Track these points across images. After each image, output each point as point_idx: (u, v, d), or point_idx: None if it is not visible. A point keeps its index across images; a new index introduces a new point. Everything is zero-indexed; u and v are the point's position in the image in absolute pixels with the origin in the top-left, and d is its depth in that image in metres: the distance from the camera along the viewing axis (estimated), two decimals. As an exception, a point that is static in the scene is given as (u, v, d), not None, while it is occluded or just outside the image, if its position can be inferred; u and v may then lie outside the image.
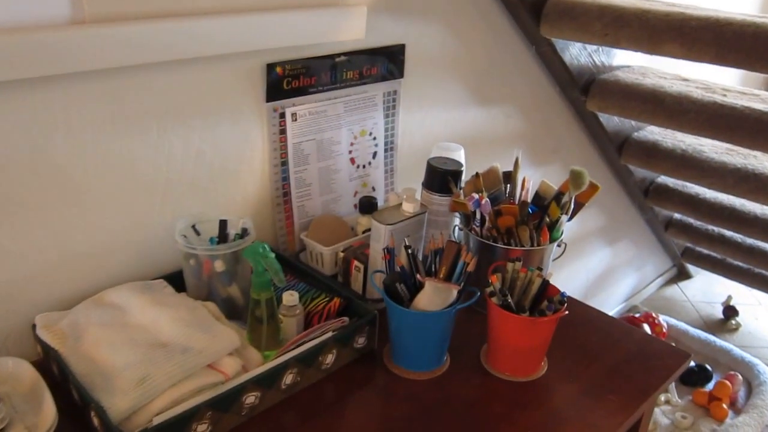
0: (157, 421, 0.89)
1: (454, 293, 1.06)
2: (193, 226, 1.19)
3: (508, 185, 1.29)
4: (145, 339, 1.02)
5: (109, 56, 1.02)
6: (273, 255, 1.05)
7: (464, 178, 1.32)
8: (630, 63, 2.03)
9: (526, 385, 1.10)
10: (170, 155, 1.18)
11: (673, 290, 3.23)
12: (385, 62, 1.43)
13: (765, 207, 2.18)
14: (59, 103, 1.02)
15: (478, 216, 1.20)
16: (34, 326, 1.06)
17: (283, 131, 1.32)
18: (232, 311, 1.18)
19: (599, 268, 2.70)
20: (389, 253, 1.10)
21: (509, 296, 1.06)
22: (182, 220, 1.17)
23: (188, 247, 1.12)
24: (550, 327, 1.07)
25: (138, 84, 1.09)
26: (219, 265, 1.14)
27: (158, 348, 1.00)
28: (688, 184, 2.34)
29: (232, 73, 1.20)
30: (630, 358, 1.17)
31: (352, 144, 1.45)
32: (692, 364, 2.45)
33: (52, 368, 1.03)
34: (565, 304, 1.05)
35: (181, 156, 1.19)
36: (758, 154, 1.99)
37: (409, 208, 1.23)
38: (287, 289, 1.17)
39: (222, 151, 1.25)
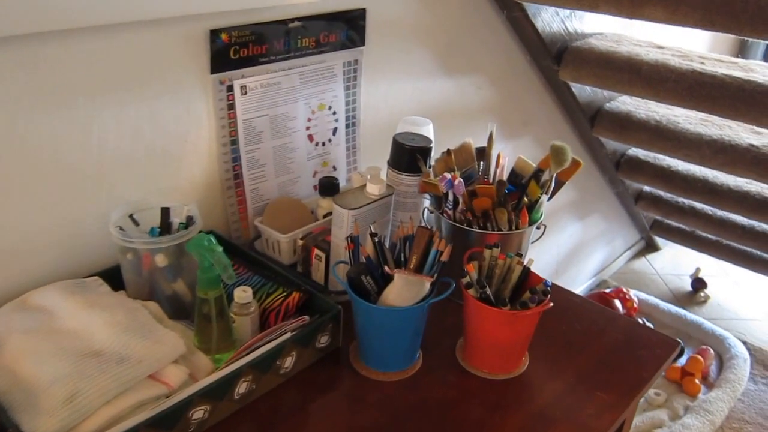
0: (86, 447, 0.76)
1: (427, 286, 0.95)
2: (131, 216, 1.05)
3: (482, 162, 1.18)
4: (75, 348, 0.89)
5: (23, 20, 0.87)
6: (221, 248, 0.92)
7: (434, 155, 1.20)
8: (603, 30, 1.93)
9: (507, 383, 1.00)
10: (101, 135, 1.03)
11: (642, 263, 3.19)
12: (344, 28, 1.30)
13: (738, 179, 2.12)
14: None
15: (450, 197, 1.09)
16: (-55, 335, 0.92)
17: (231, 106, 1.18)
18: (178, 310, 1.05)
19: (570, 243, 2.63)
20: (353, 242, 0.98)
21: (488, 287, 0.95)
22: (118, 209, 1.03)
23: (124, 240, 0.99)
24: (533, 320, 0.97)
25: (59, 53, 0.94)
26: (161, 260, 1.01)
27: (91, 358, 0.87)
28: (660, 157, 2.27)
29: (169, 40, 1.06)
30: (617, 348, 1.08)
31: (309, 119, 1.32)
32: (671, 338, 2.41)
33: (-32, 384, 0.89)
34: (549, 295, 0.95)
35: (113, 136, 1.05)
36: (733, 124, 1.91)
37: (374, 190, 1.11)
38: (240, 284, 1.04)
39: (162, 130, 1.10)
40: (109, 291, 1.02)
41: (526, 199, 1.10)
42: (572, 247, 2.67)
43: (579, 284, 2.90)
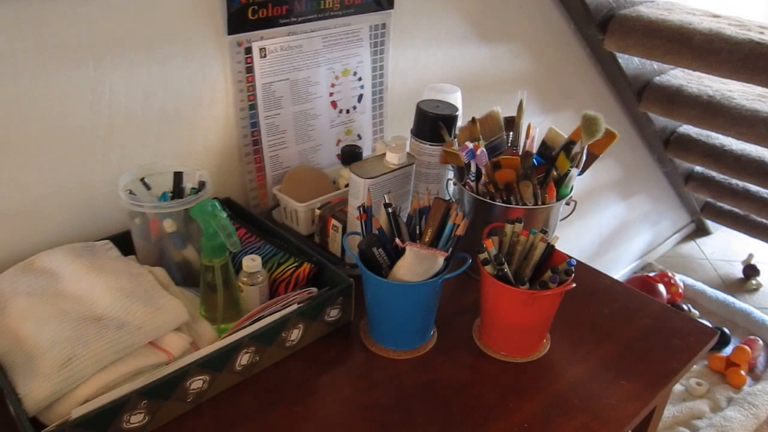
0: (76, 414, 0.74)
1: (440, 261, 0.89)
2: (143, 180, 1.02)
3: (511, 133, 1.11)
4: (77, 312, 0.87)
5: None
6: (225, 214, 0.89)
7: (460, 125, 1.14)
8: (654, -3, 1.81)
9: (524, 367, 0.94)
10: (112, 97, 1.00)
11: (691, 247, 3.06)
12: (371, -11, 1.24)
13: (798, 160, 1.98)
14: (-35, 30, 0.85)
15: (473, 169, 1.03)
16: (-47, 295, 0.91)
17: (250, 70, 1.14)
18: (188, 277, 1.03)
19: (612, 224, 2.53)
20: (365, 212, 0.93)
21: (506, 265, 0.89)
22: (127, 172, 1.01)
23: (132, 204, 0.96)
24: (553, 301, 0.91)
25: (66, 10, 0.91)
26: (169, 225, 0.98)
27: (91, 323, 0.85)
28: (713, 135, 2.14)
29: (183, -2, 1.02)
30: (647, 334, 1.01)
31: (333, 85, 1.27)
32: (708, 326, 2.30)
33: (-28, 344, 0.88)
34: (573, 275, 0.89)
35: (124, 98, 1.02)
36: (794, 100, 1.78)
37: (393, 159, 1.05)
38: (250, 253, 1.01)
39: (175, 92, 1.07)
40: (117, 255, 1.00)
41: (554, 173, 1.03)
42: (615, 228, 2.57)
43: (621, 267, 2.80)
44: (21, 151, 0.95)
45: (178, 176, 1.03)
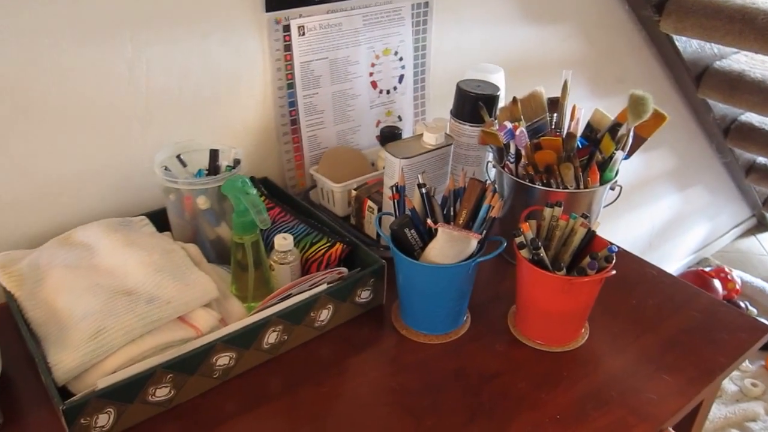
0: (101, 384, 0.74)
1: (474, 243, 0.86)
2: (179, 157, 1.03)
3: (555, 115, 1.07)
4: (109, 285, 0.88)
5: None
6: (255, 191, 0.88)
7: (501, 106, 1.10)
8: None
9: (560, 356, 0.90)
10: (149, 73, 1.01)
11: (751, 243, 2.92)
12: (413, -34, 1.21)
13: None
14: (2, 4, 0.85)
15: (512, 150, 0.99)
16: (-6, 265, 0.93)
17: (288, 48, 1.12)
18: (222, 254, 1.03)
19: (666, 216, 2.44)
20: (398, 192, 0.91)
21: (542, 249, 0.86)
22: (164, 149, 1.01)
23: (166, 180, 0.96)
24: (592, 289, 0.87)
25: (104, -16, 0.92)
26: (202, 202, 0.98)
27: (122, 296, 0.86)
28: (778, 123, 2.03)
29: (221, -27, 1.01)
30: (693, 328, 0.96)
31: (373, 65, 1.24)
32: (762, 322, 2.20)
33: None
34: (613, 262, 0.84)
35: (161, 74, 1.02)
36: None
37: (430, 139, 1.02)
38: (282, 232, 1.00)
39: (213, 70, 1.07)
40: (152, 231, 1.01)
41: (598, 155, 0.98)
42: (669, 221, 2.47)
43: (676, 261, 2.70)
44: (59, 126, 0.96)
45: (213, 154, 1.02)
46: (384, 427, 0.79)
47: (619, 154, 0.98)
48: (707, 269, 2.50)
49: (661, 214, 2.41)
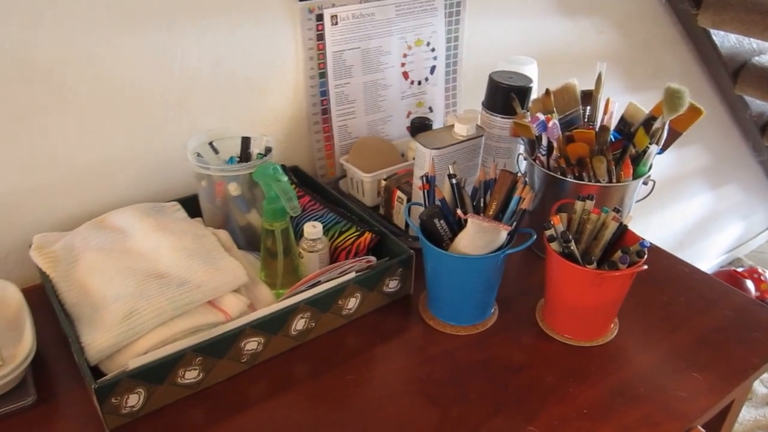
0: (133, 364, 0.75)
1: (503, 235, 0.86)
2: (211, 143, 1.04)
3: (588, 108, 1.05)
4: (141, 268, 0.89)
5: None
6: (286, 178, 0.88)
7: (533, 98, 1.09)
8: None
9: (588, 351, 0.90)
10: (184, 61, 1.02)
11: (786, 243, 2.86)
12: (447, -43, 1.20)
13: None
14: (44, -10, 0.87)
15: (544, 142, 0.98)
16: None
17: (320, 37, 1.13)
18: (252, 241, 1.04)
19: (698, 214, 2.39)
20: (428, 182, 0.91)
21: (573, 243, 0.85)
22: (196, 136, 1.02)
23: (198, 166, 0.97)
24: (622, 283, 0.86)
25: (141, -29, 0.93)
26: (233, 189, 0.98)
27: (154, 279, 0.87)
28: (817, 121, 1.98)
29: (256, -38, 1.02)
30: (726, 326, 0.94)
31: (405, 55, 1.24)
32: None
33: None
34: (645, 257, 0.83)
35: (196, 62, 1.03)
36: None
37: (461, 130, 1.02)
38: (312, 220, 1.00)
39: (246, 58, 1.07)
40: (184, 217, 1.02)
41: (632, 149, 0.97)
42: (701, 219, 2.43)
43: (708, 260, 2.66)
44: (95, 112, 0.98)
45: (245, 141, 1.03)
46: (409, 416, 0.79)
47: (653, 148, 0.96)
48: (740, 269, 2.45)
49: (693, 212, 2.37)
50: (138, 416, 0.77)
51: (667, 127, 0.96)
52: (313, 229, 0.95)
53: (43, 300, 0.90)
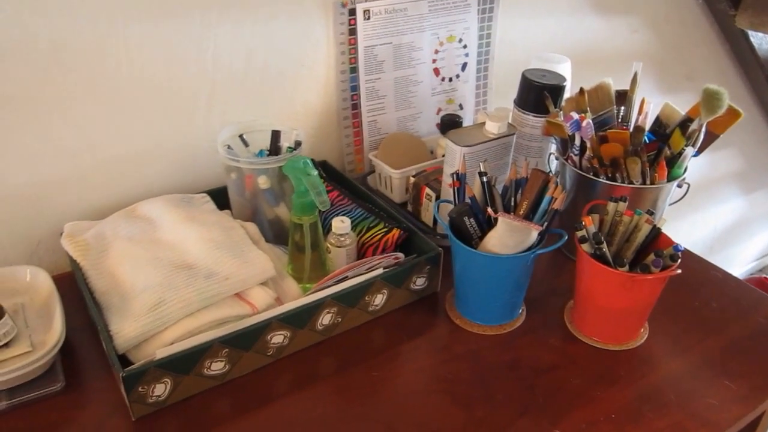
0: (160, 354, 0.76)
1: (534, 235, 0.85)
2: (241, 136, 1.04)
3: (622, 108, 1.04)
4: (170, 259, 0.90)
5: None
6: (316, 172, 0.88)
7: (566, 97, 1.07)
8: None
9: (617, 355, 0.88)
10: (216, 53, 1.02)
11: (819, 251, 2.80)
12: (482, -48, 1.19)
13: None
14: (81, -20, 0.88)
15: (577, 141, 0.97)
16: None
17: (352, 31, 1.12)
18: (280, 235, 1.04)
19: (729, 219, 2.35)
20: (459, 179, 0.90)
21: (605, 244, 0.84)
22: (227, 128, 1.02)
23: (229, 159, 0.97)
24: (654, 287, 0.84)
25: (176, -38, 0.93)
26: (263, 182, 0.99)
27: (182, 270, 0.87)
28: None
29: (290, -45, 1.01)
30: (759, 334, 0.92)
31: (436, 51, 1.23)
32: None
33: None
34: (679, 261, 0.82)
35: (228, 54, 1.03)
36: None
37: (493, 128, 1.01)
38: (340, 215, 1.00)
39: (278, 52, 1.07)
40: (213, 209, 1.02)
41: (667, 151, 0.95)
42: (733, 224, 2.39)
43: (738, 266, 2.61)
44: (129, 102, 0.99)
45: (275, 134, 1.03)
46: (433, 414, 0.79)
47: (689, 151, 0.94)
48: (770, 276, 2.41)
49: (724, 217, 2.33)
50: (164, 406, 0.78)
51: (704, 129, 0.94)
52: (341, 224, 0.95)
53: (73, 288, 0.91)
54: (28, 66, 0.89)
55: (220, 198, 1.04)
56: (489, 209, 0.85)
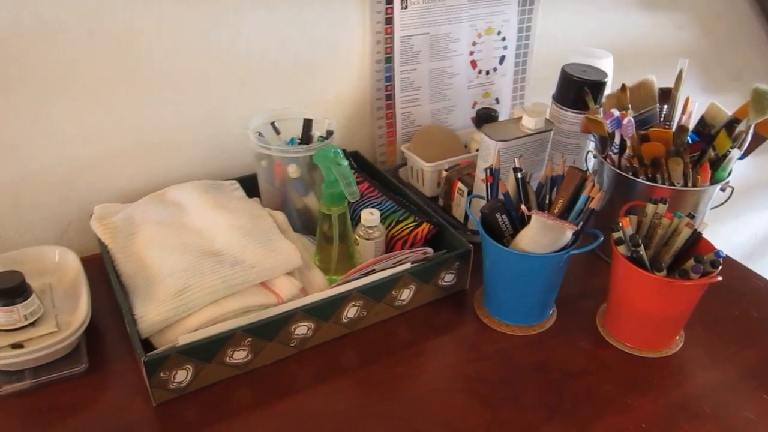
0: (183, 341, 0.75)
1: (568, 234, 0.82)
2: (273, 124, 1.03)
3: (665, 106, 1.00)
4: (197, 245, 0.89)
5: None
6: (346, 162, 0.86)
7: (607, 93, 1.04)
8: None
9: (651, 362, 0.85)
10: (250, 39, 1.01)
11: None
12: (525, -58, 1.16)
13: None
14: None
15: (617, 140, 0.94)
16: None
17: (389, 21, 1.10)
18: (308, 225, 1.02)
19: (772, 226, 2.28)
20: (492, 174, 0.88)
21: (642, 247, 0.80)
22: (259, 115, 1.01)
23: (260, 146, 0.96)
24: (693, 294, 0.81)
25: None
26: (293, 170, 0.97)
27: (208, 257, 0.87)
28: None
29: (328, -59, 1.00)
30: (802, 347, 0.88)
31: (474, 44, 1.21)
32: None
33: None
34: (719, 267, 0.78)
35: (261, 41, 1.02)
36: None
37: (529, 123, 0.98)
38: (369, 207, 0.98)
39: (312, 40, 1.06)
40: (242, 196, 1.02)
41: (711, 152, 0.92)
42: (775, 231, 2.31)
43: (777, 275, 2.52)
44: (160, 86, 0.98)
45: (307, 123, 1.02)
46: (457, 413, 0.77)
47: (735, 153, 0.90)
48: (813, 287, 2.33)
49: (765, 224, 2.25)
50: (185, 392, 0.77)
51: (751, 130, 0.90)
52: (370, 216, 0.93)
53: (102, 270, 0.91)
54: (61, 48, 0.89)
55: (250, 186, 1.04)
56: (522, 206, 0.83)
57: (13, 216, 0.97)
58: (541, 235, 0.81)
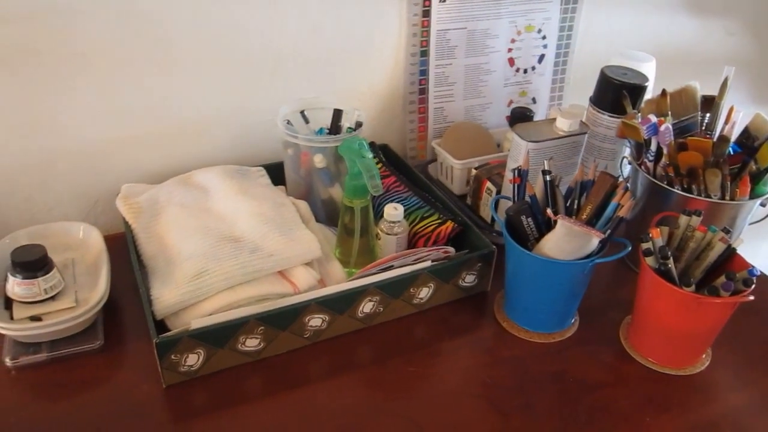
0: (195, 325, 0.75)
1: (594, 242, 0.79)
2: (302, 112, 1.02)
3: (707, 115, 0.96)
4: (218, 230, 0.89)
5: None
6: (371, 155, 0.85)
7: (647, 98, 1.00)
8: None
9: (674, 380, 0.82)
10: (284, 27, 1.00)
11: None
12: (571, -61, 1.13)
13: None
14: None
15: (653, 147, 0.90)
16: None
17: (426, 13, 1.08)
18: (332, 216, 1.01)
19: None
20: (520, 176, 0.85)
21: (672, 260, 0.77)
22: (289, 103, 1.00)
23: (288, 134, 0.96)
24: (722, 312, 0.78)
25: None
26: (319, 160, 0.96)
27: (228, 242, 0.86)
28: None
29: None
30: (837, 374, 0.84)
31: (513, 41, 1.18)
32: None
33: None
34: (752, 286, 0.75)
35: (296, 29, 1.01)
36: None
37: (563, 125, 0.95)
38: (394, 201, 0.97)
39: (346, 30, 1.05)
40: (267, 183, 1.01)
41: (753, 166, 0.88)
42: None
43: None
44: (194, 69, 0.98)
45: (337, 113, 1.01)
46: (468, 418, 0.75)
47: (779, 167, 0.86)
48: None
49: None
50: (195, 376, 0.77)
51: (797, 144, 0.86)
52: (394, 211, 0.92)
53: (125, 249, 0.91)
54: (99, 26, 0.89)
55: (276, 173, 1.03)
56: (548, 210, 0.80)
57: (43, 192, 0.99)
58: (566, 241, 0.78)
